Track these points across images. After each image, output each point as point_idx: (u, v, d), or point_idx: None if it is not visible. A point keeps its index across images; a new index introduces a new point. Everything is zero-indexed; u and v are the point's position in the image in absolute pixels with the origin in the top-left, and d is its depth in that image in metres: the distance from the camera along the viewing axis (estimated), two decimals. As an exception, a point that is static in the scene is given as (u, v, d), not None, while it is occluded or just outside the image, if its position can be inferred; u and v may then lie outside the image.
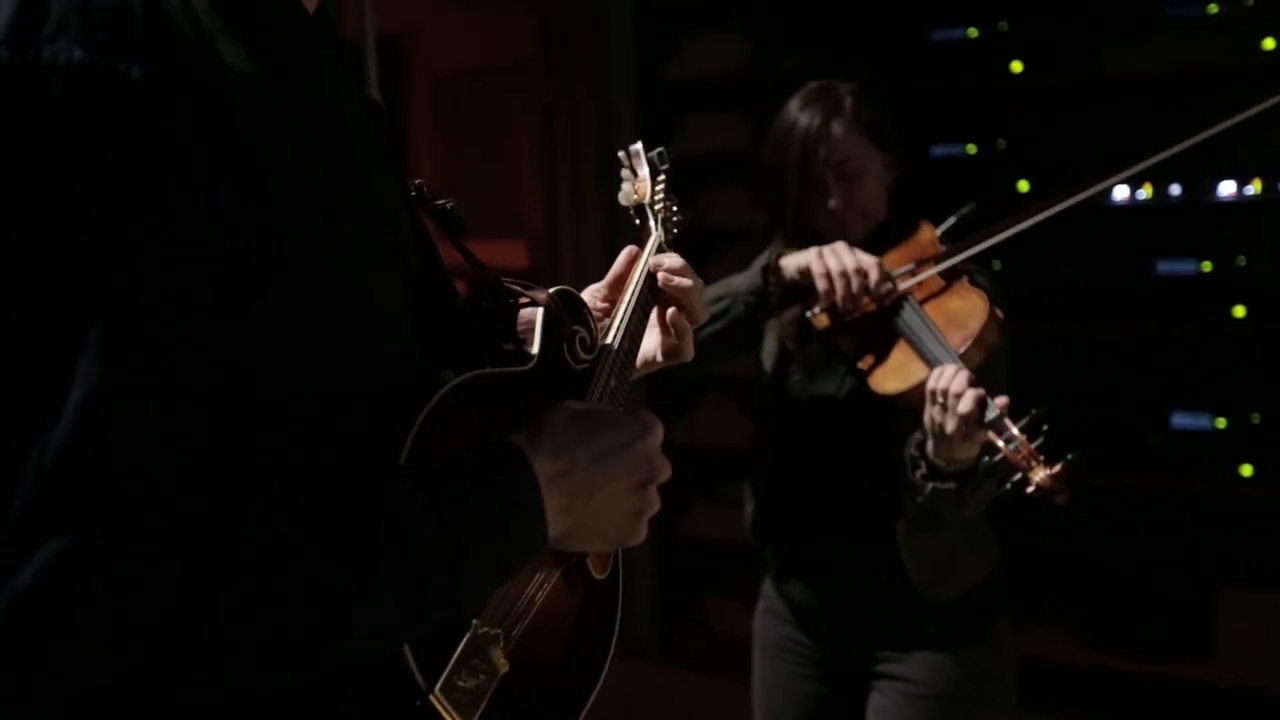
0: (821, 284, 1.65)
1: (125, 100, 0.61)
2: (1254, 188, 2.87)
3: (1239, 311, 2.90)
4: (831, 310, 1.67)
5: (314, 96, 0.74)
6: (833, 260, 1.65)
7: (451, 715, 0.74)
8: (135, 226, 0.61)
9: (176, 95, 0.63)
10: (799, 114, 1.76)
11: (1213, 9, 2.88)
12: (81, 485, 0.59)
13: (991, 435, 1.51)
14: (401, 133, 4.30)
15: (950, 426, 1.50)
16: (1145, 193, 3.01)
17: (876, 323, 1.68)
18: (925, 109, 3.28)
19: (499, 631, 0.79)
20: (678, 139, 3.36)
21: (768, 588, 1.88)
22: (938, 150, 3.27)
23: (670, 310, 1.13)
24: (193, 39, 0.66)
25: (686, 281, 1.11)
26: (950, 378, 1.52)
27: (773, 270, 1.71)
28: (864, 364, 1.69)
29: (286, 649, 0.65)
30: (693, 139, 3.30)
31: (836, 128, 1.72)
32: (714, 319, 1.73)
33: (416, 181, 0.90)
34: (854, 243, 1.73)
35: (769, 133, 1.81)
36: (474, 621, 0.77)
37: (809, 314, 1.69)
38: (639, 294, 1.08)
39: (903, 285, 1.69)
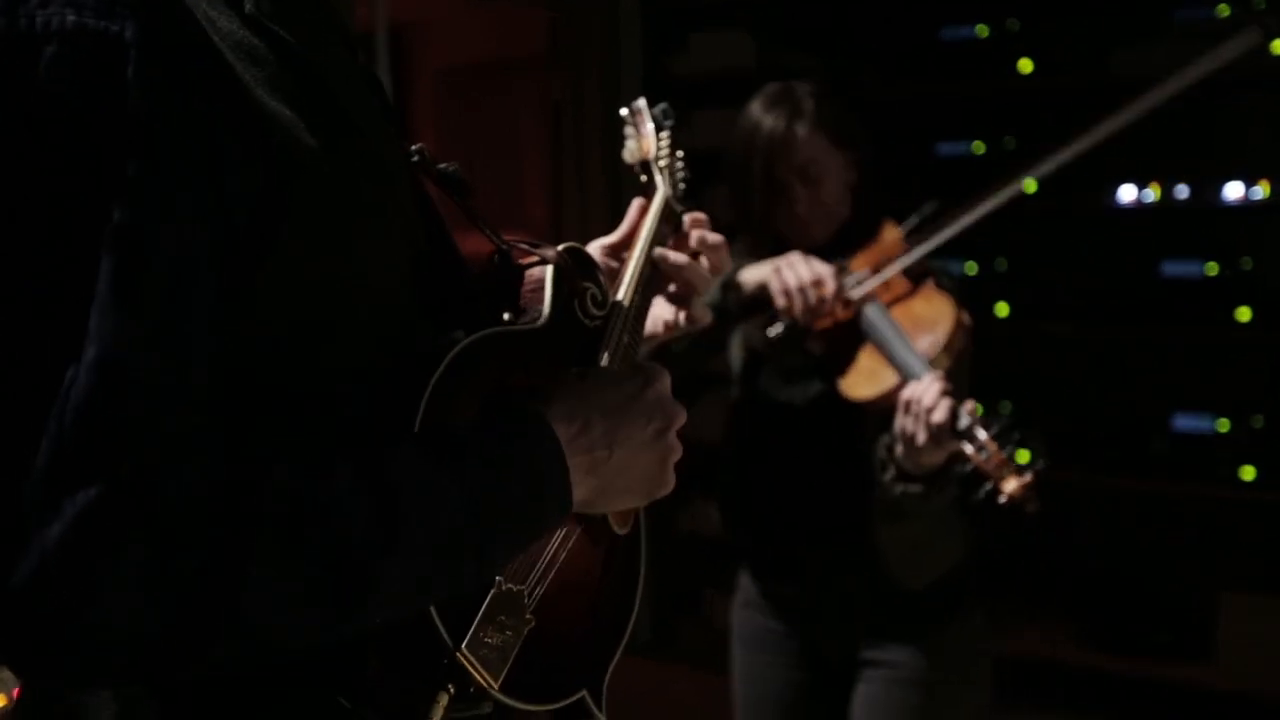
0: (780, 300, 1.65)
1: (119, 60, 0.62)
2: (1261, 190, 2.87)
3: (1244, 314, 2.89)
4: (791, 325, 1.67)
5: (310, 63, 0.74)
6: (790, 275, 1.65)
7: (479, 672, 0.74)
8: (138, 184, 0.62)
9: (171, 54, 0.63)
10: (761, 116, 1.75)
11: (1223, 11, 2.87)
12: (104, 439, 0.59)
13: (964, 444, 1.51)
14: (408, 123, 4.30)
15: (922, 437, 1.51)
16: (1152, 194, 3.01)
17: (843, 327, 1.68)
18: (933, 107, 3.27)
19: (523, 588, 0.79)
20: (685, 134, 3.36)
21: (745, 580, 1.89)
22: (945, 148, 3.26)
23: (679, 282, 1.12)
24: (186, 1, 0.66)
25: (681, 258, 1.10)
26: (924, 389, 1.52)
27: (732, 286, 1.71)
28: (833, 368, 1.69)
29: (313, 607, 0.65)
30: (700, 134, 3.29)
31: (800, 130, 1.72)
32: (676, 339, 1.73)
33: (416, 146, 0.90)
34: (820, 243, 1.74)
35: (733, 135, 1.80)
36: (498, 579, 0.77)
37: (769, 331, 1.69)
38: (648, 248, 1.07)
39: (866, 288, 1.68)
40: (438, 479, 0.70)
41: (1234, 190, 2.90)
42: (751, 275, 1.70)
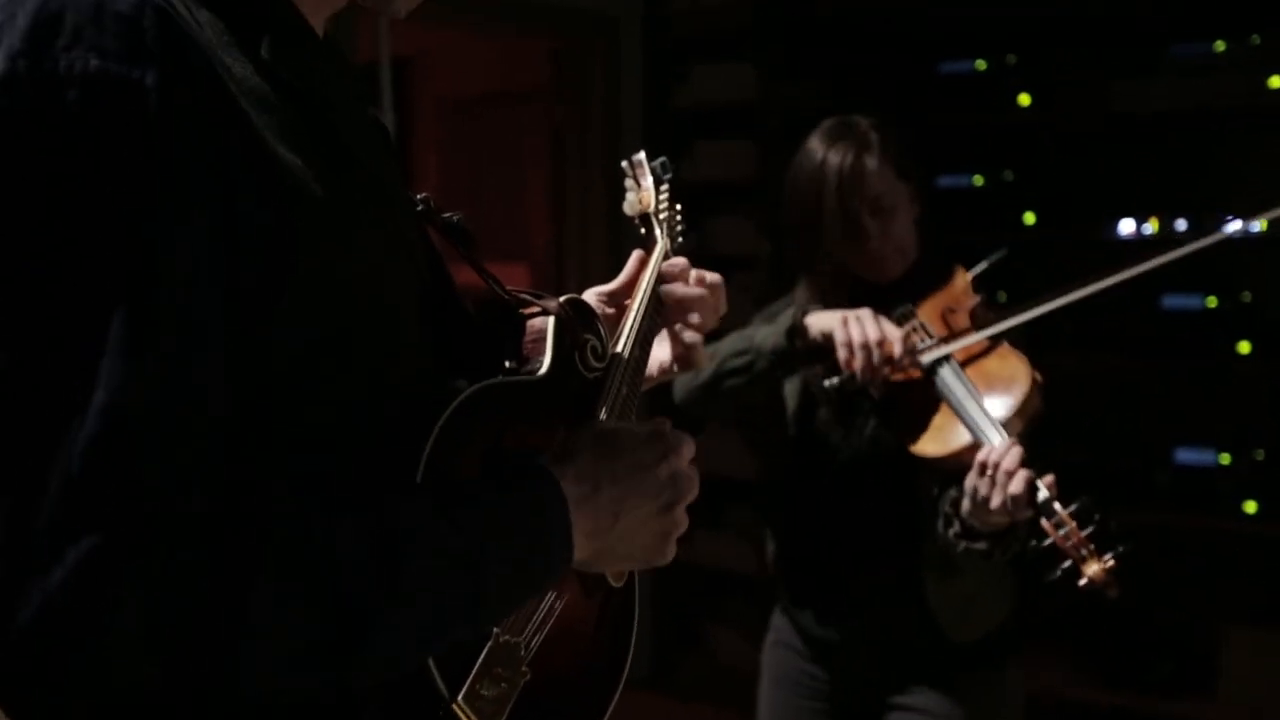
0: (842, 353, 1.61)
1: (140, 105, 0.62)
2: (1259, 225, 2.88)
3: (1244, 347, 2.90)
4: (849, 379, 1.62)
5: (321, 110, 0.75)
6: (856, 330, 1.60)
7: None
8: (153, 229, 0.62)
9: (190, 101, 0.64)
10: (827, 152, 1.71)
11: (1219, 47, 2.89)
12: (109, 485, 0.59)
13: (1042, 519, 1.47)
14: (410, 154, 4.33)
15: (996, 502, 1.47)
16: (1151, 227, 3.02)
17: (915, 381, 1.64)
18: (933, 140, 3.29)
19: (519, 640, 0.79)
20: (686, 165, 3.37)
21: (779, 620, 1.87)
22: (945, 181, 3.28)
23: (680, 322, 1.12)
24: (204, 49, 0.67)
25: (694, 291, 1.10)
26: (1001, 454, 1.48)
27: (798, 332, 1.67)
28: (898, 419, 1.65)
29: (312, 657, 0.65)
30: (701, 165, 3.31)
31: (870, 163, 1.68)
32: (736, 373, 1.71)
33: (422, 195, 0.91)
34: (893, 279, 1.72)
35: (792, 173, 1.76)
36: (495, 630, 0.77)
37: (825, 383, 1.65)
38: (648, 301, 1.08)
39: (939, 353, 1.64)
40: (440, 531, 0.70)
41: (1234, 224, 2.91)
42: (818, 322, 1.66)
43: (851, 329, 1.61)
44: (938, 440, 1.60)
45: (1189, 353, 2.95)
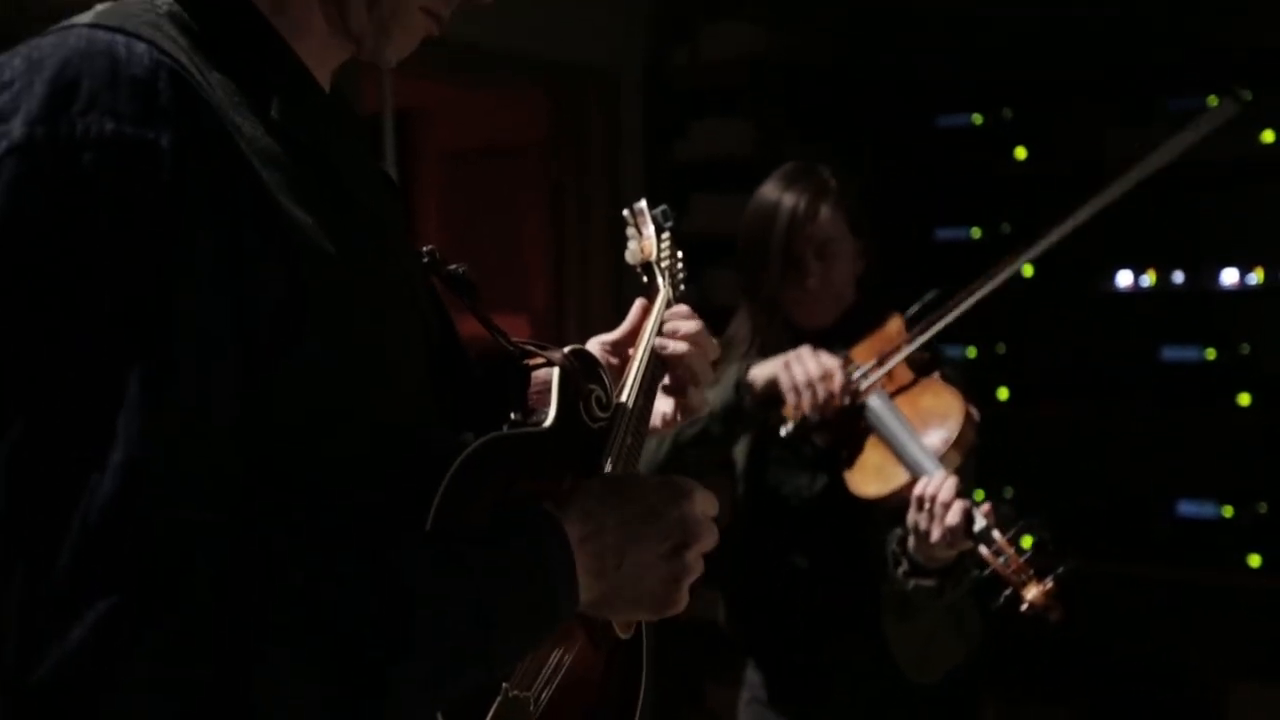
0: (790, 398, 1.64)
1: (154, 167, 0.64)
2: (1256, 276, 2.89)
3: (1244, 399, 2.90)
4: (802, 421, 1.66)
5: (331, 167, 0.76)
6: (798, 370, 1.64)
7: None
8: (167, 287, 0.63)
9: (202, 162, 0.66)
10: (783, 193, 1.77)
11: (1212, 101, 2.93)
12: (127, 545, 0.60)
13: (980, 548, 1.49)
14: (412, 205, 4.36)
15: (935, 535, 1.49)
16: (1149, 279, 3.03)
17: (850, 420, 1.67)
18: (931, 193, 3.32)
19: (529, 695, 0.79)
20: (685, 218, 3.39)
21: (751, 675, 1.86)
22: (943, 233, 3.30)
23: (674, 374, 1.12)
24: (216, 110, 0.68)
25: (680, 348, 1.10)
26: (937, 486, 1.51)
27: (745, 387, 1.70)
28: (840, 462, 1.67)
29: (324, 710, 0.65)
30: (699, 218, 3.33)
31: (824, 208, 1.74)
32: (694, 443, 1.72)
33: (427, 248, 0.92)
34: (824, 325, 1.75)
35: (748, 211, 1.82)
36: (504, 685, 0.77)
37: (783, 431, 1.68)
38: (652, 349, 1.08)
39: (871, 379, 1.68)
40: (448, 580, 0.70)
41: (1229, 276, 2.93)
42: (762, 372, 1.69)
43: (794, 370, 1.64)
44: (878, 480, 1.63)
45: (1189, 405, 2.95)
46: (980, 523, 1.49)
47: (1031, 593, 1.46)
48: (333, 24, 0.80)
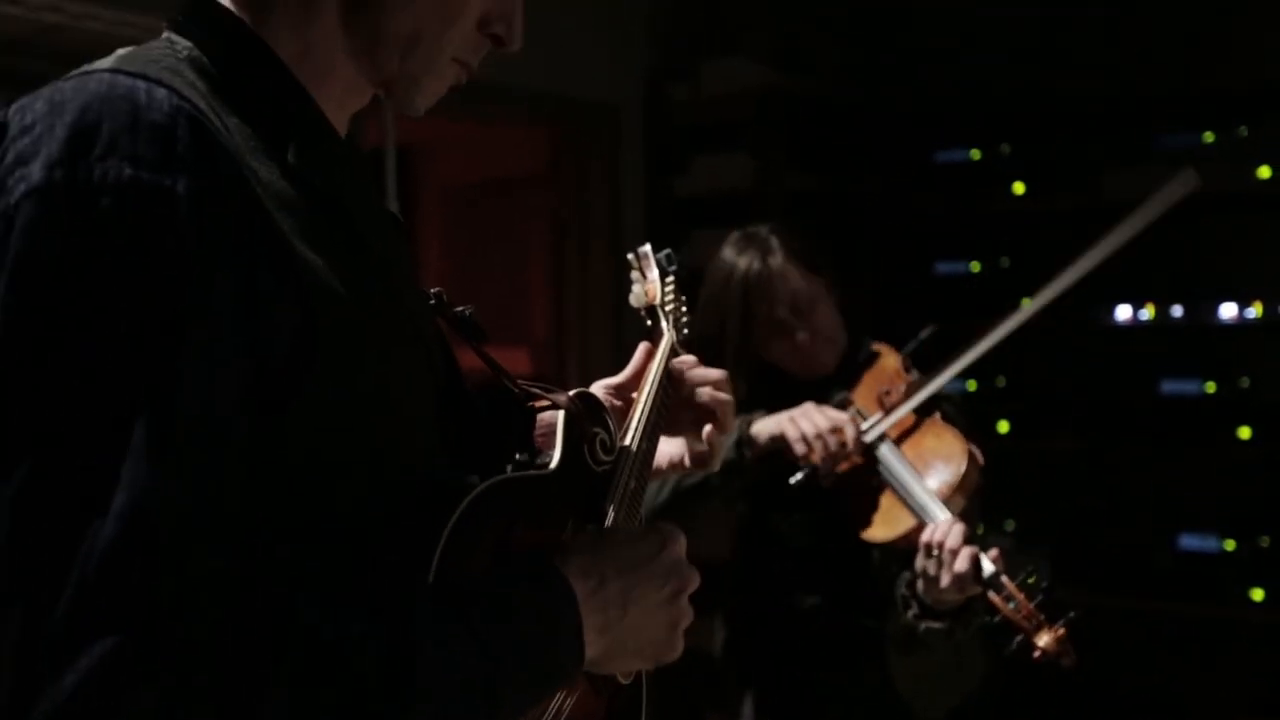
0: (800, 448, 1.64)
1: (170, 212, 0.64)
2: (1254, 310, 2.90)
3: (1244, 433, 2.90)
4: (812, 470, 1.66)
5: (344, 211, 0.77)
6: (806, 424, 1.64)
7: None
8: (180, 334, 0.63)
9: (220, 207, 0.66)
10: (735, 259, 1.79)
11: (1208, 138, 2.95)
12: (126, 588, 0.59)
13: (989, 594, 1.49)
14: (413, 240, 4.38)
15: (945, 581, 1.50)
16: (1148, 313, 3.04)
17: (857, 468, 1.67)
18: (930, 227, 3.33)
19: None
20: (686, 252, 3.41)
21: (749, 709, 1.85)
22: (942, 268, 3.32)
23: (707, 429, 1.14)
24: (234, 155, 0.69)
25: (725, 396, 1.12)
26: (944, 532, 1.51)
27: (746, 442, 1.70)
28: (845, 507, 1.67)
29: None
30: (700, 253, 3.34)
31: (774, 263, 1.75)
32: (693, 494, 1.72)
33: (434, 290, 0.92)
34: (828, 372, 1.75)
35: (704, 284, 1.83)
36: None
37: (793, 480, 1.67)
38: (656, 394, 1.08)
39: (878, 430, 1.68)
40: (454, 632, 0.70)
41: (1228, 310, 2.94)
42: (765, 428, 1.69)
43: (802, 424, 1.64)
44: (885, 525, 1.63)
45: (1189, 438, 2.95)
46: (989, 568, 1.49)
47: (1043, 639, 1.45)
48: (363, 72, 0.81)
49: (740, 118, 3.31)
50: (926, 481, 1.61)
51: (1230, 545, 2.91)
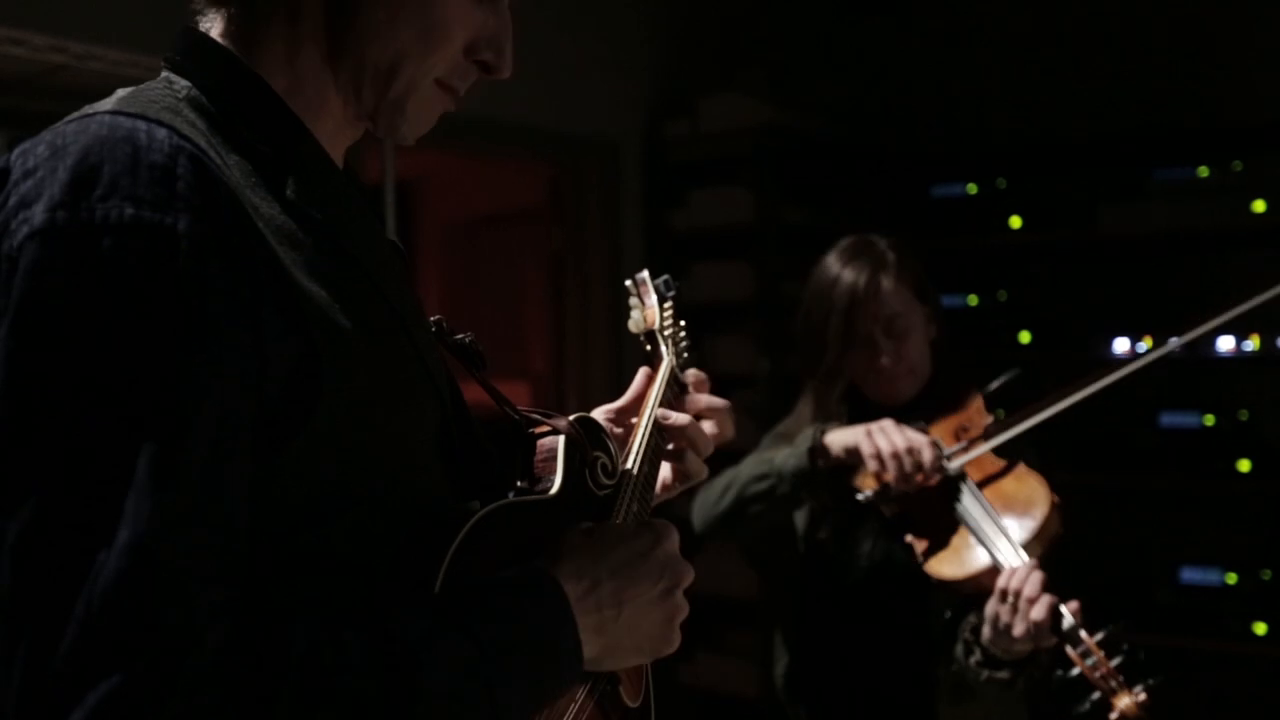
0: (873, 464, 1.58)
1: (172, 250, 0.65)
2: (1252, 343, 2.91)
3: (1244, 466, 2.89)
4: (883, 489, 1.61)
5: (345, 244, 0.78)
6: (883, 440, 1.58)
7: None
8: (182, 370, 0.64)
9: (221, 245, 0.67)
10: (842, 269, 1.71)
11: (1203, 172, 2.97)
12: (129, 626, 0.60)
13: (1066, 648, 1.43)
14: (412, 274, 4.39)
15: (1019, 629, 1.43)
16: (1145, 345, 3.05)
17: (930, 500, 1.61)
18: (927, 261, 3.34)
19: None
20: (685, 286, 3.42)
21: None
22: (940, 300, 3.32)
23: (708, 425, 1.13)
24: (234, 192, 0.70)
25: (721, 401, 1.13)
26: (1023, 579, 1.45)
27: (819, 451, 1.64)
28: (916, 543, 1.61)
29: None
30: (699, 286, 3.36)
31: (885, 283, 1.69)
32: (759, 499, 1.68)
33: (435, 318, 0.93)
34: (904, 401, 1.71)
35: (808, 289, 1.77)
36: None
37: (861, 496, 1.63)
38: (656, 417, 1.09)
39: (959, 462, 1.62)
40: (452, 644, 0.70)
41: (1226, 343, 2.95)
42: (840, 439, 1.63)
43: (879, 440, 1.59)
44: (955, 562, 1.56)
45: (1189, 471, 2.95)
46: (1069, 620, 1.44)
47: (1123, 701, 1.38)
48: (348, 103, 0.81)
49: (738, 153, 3.34)
50: (1005, 524, 1.56)
51: (1232, 579, 2.90)
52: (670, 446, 1.12)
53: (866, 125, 3.55)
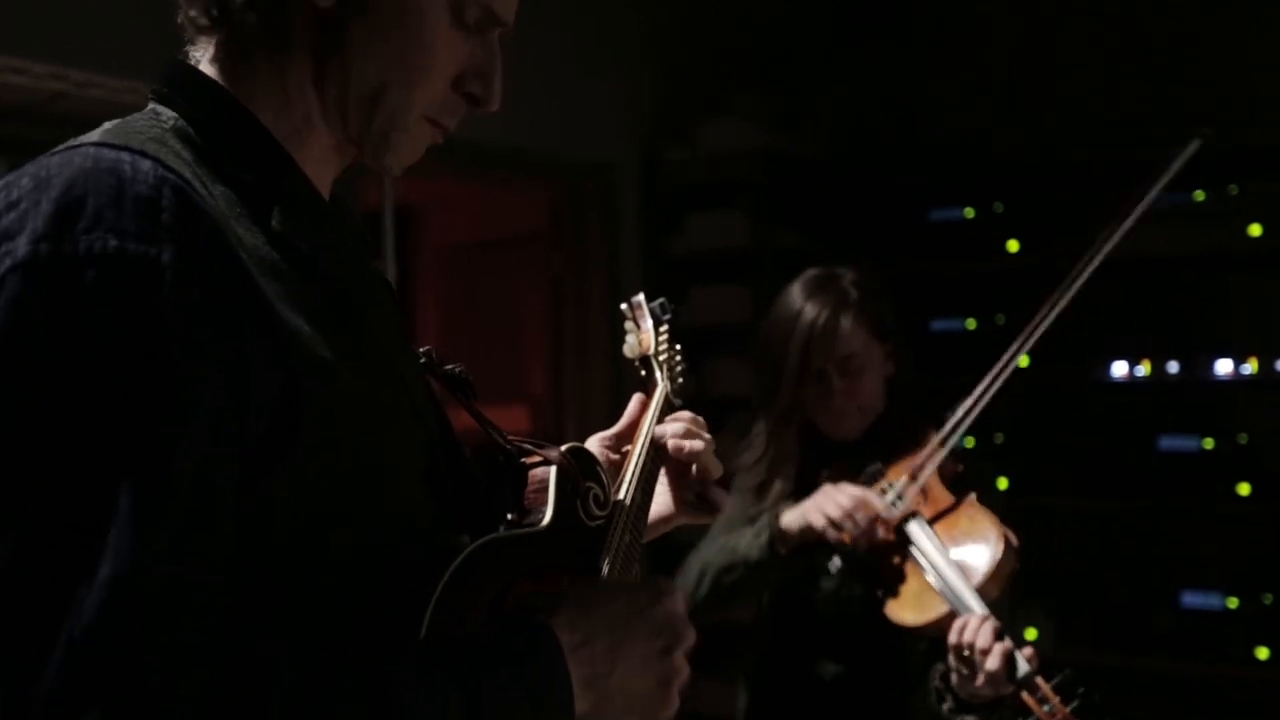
0: (832, 535, 1.60)
1: (155, 282, 0.64)
2: (1250, 366, 2.91)
3: (1244, 489, 2.89)
4: (848, 552, 1.61)
5: (330, 276, 0.77)
6: (830, 506, 1.60)
7: None
8: (165, 404, 0.63)
9: (205, 277, 0.66)
10: (805, 303, 1.72)
11: (1199, 196, 2.99)
12: (111, 659, 0.59)
13: (1023, 694, 1.44)
14: (412, 298, 4.40)
15: (978, 680, 1.45)
16: (1143, 369, 3.05)
17: (886, 546, 1.62)
18: (925, 285, 3.35)
19: None
20: (683, 310, 3.42)
21: None
22: (938, 325, 3.33)
23: (689, 469, 1.12)
24: (219, 223, 0.69)
25: (697, 445, 1.11)
26: (975, 630, 1.46)
27: (778, 539, 1.66)
28: (876, 587, 1.62)
29: None
30: (697, 310, 3.36)
31: (845, 322, 1.69)
32: (734, 589, 1.69)
33: (424, 349, 0.92)
34: (849, 437, 1.72)
35: (769, 317, 1.78)
36: None
37: (833, 568, 1.64)
38: (649, 446, 1.08)
39: (905, 503, 1.63)
40: (441, 684, 0.69)
41: (1224, 366, 2.95)
42: (794, 521, 1.65)
43: (827, 508, 1.61)
44: (915, 608, 1.58)
45: (1189, 494, 2.94)
46: (1024, 668, 1.44)
47: None
48: (336, 131, 0.81)
49: (736, 178, 3.35)
50: (961, 566, 1.56)
51: (1234, 603, 2.88)
52: (680, 476, 1.11)
53: (864, 149, 3.56)
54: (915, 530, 1.61)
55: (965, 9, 3.52)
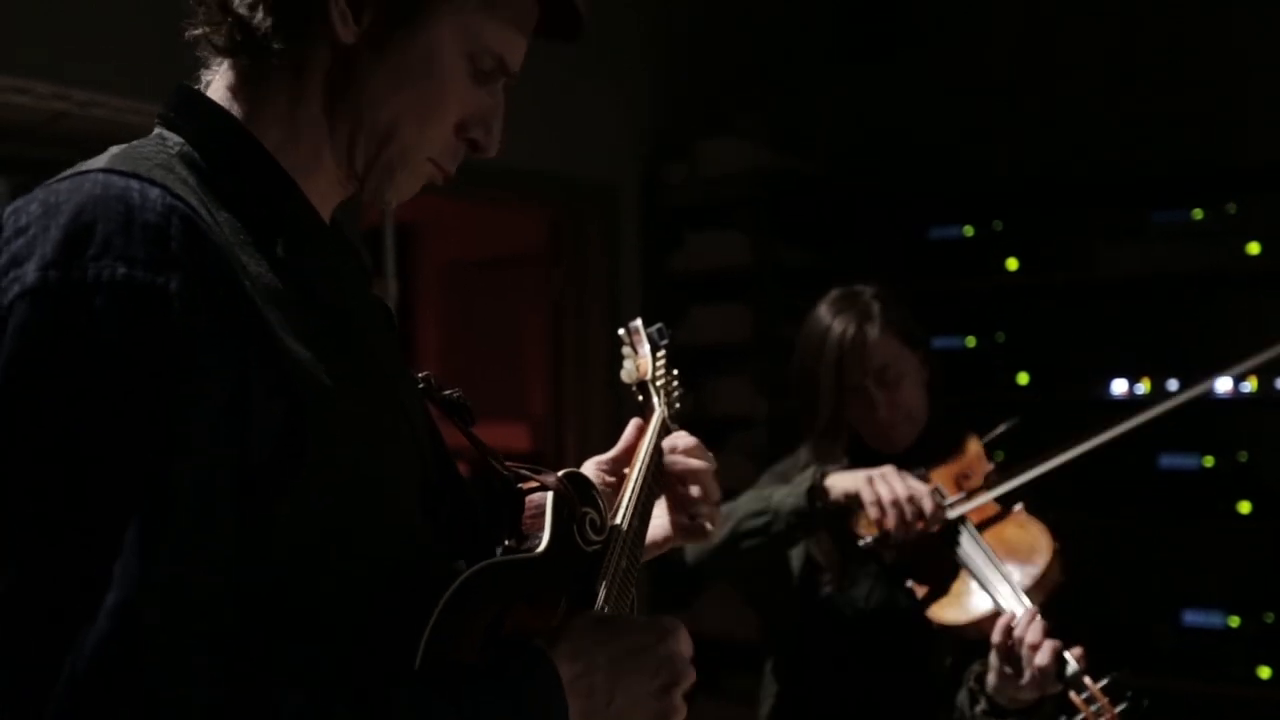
0: (873, 511, 1.58)
1: (163, 309, 0.65)
2: (1250, 385, 2.91)
3: (1244, 507, 2.88)
4: (883, 536, 1.60)
5: (332, 303, 0.78)
6: (884, 488, 1.58)
7: None
8: (171, 432, 0.64)
9: (211, 305, 0.67)
10: (831, 321, 1.73)
11: (1198, 214, 2.99)
12: (115, 686, 0.59)
13: (1070, 693, 1.43)
14: (412, 317, 4.41)
15: (1025, 677, 1.44)
16: (1143, 387, 3.05)
17: (931, 546, 1.61)
18: (925, 303, 3.35)
19: None
20: (683, 328, 3.43)
21: None
22: (938, 343, 3.33)
23: (688, 489, 1.12)
24: (224, 251, 0.70)
25: (698, 464, 1.11)
26: (1024, 626, 1.45)
27: (819, 492, 1.64)
28: (918, 588, 1.61)
29: None
30: (697, 328, 3.37)
31: (871, 333, 1.70)
32: (753, 534, 1.67)
33: (423, 374, 0.93)
34: (903, 447, 1.71)
35: (799, 342, 1.79)
36: None
37: (862, 543, 1.63)
38: (646, 470, 1.07)
39: (960, 510, 1.62)
40: (438, 711, 0.70)
41: (1223, 384, 2.95)
42: (841, 483, 1.63)
43: (879, 487, 1.59)
44: (957, 607, 1.56)
45: (1189, 513, 2.94)
46: (1072, 666, 1.43)
47: None
48: (342, 162, 0.82)
49: (735, 196, 3.36)
50: (1007, 570, 1.56)
51: (1235, 621, 2.88)
52: (682, 496, 1.11)
53: (863, 168, 3.58)
54: (963, 535, 1.61)
55: (964, 28, 3.54)
